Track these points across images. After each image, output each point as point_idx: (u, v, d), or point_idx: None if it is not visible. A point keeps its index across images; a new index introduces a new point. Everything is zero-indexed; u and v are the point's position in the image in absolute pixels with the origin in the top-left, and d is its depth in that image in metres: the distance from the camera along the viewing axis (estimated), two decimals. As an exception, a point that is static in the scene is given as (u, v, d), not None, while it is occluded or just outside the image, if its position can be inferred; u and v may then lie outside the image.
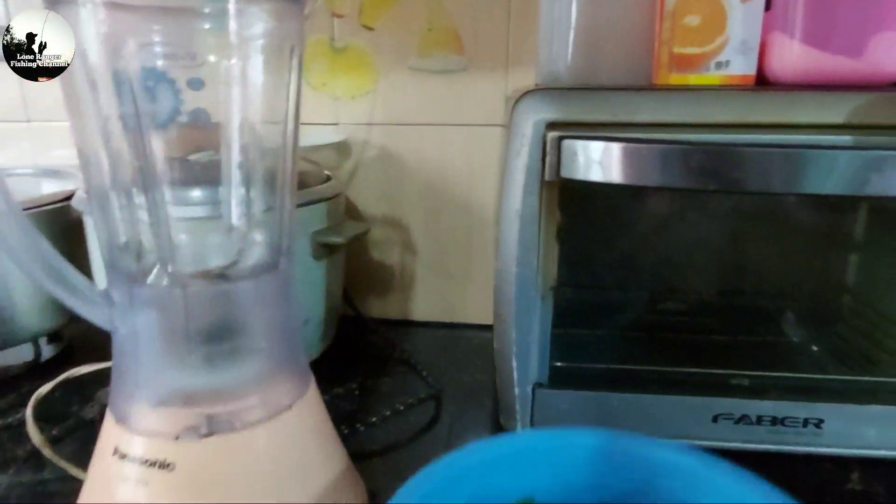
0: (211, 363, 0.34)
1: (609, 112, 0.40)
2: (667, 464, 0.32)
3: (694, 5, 0.44)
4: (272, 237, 0.36)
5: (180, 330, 0.34)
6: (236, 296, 0.35)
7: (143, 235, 0.35)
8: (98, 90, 0.33)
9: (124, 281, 0.33)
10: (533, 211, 0.41)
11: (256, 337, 0.35)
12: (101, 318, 0.34)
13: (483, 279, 0.73)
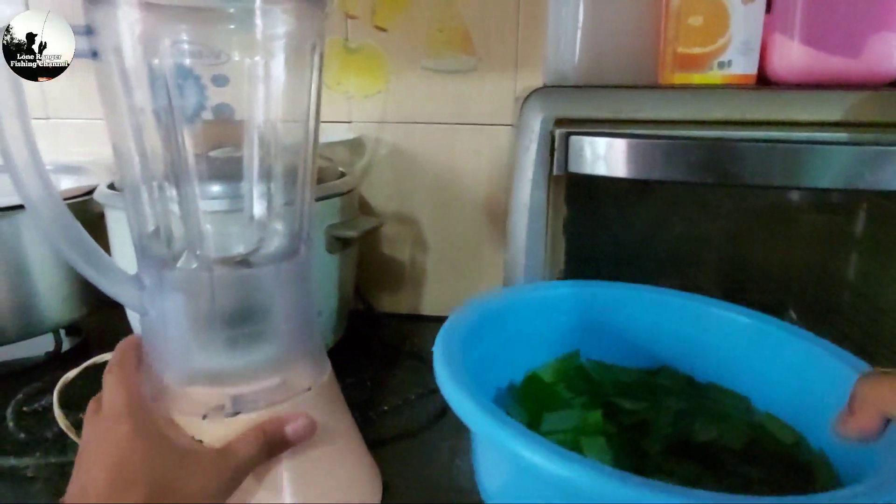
0: (235, 345, 0.36)
1: (614, 109, 0.41)
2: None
3: (697, 6, 0.46)
4: (292, 227, 0.38)
5: (207, 313, 0.36)
6: (259, 280, 0.36)
7: (172, 224, 0.36)
8: (132, 87, 0.34)
9: (154, 266, 0.35)
10: (541, 204, 0.43)
11: (278, 320, 0.37)
12: (132, 302, 0.36)
13: (492, 274, 0.75)
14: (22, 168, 0.32)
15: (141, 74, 0.34)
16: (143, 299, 0.36)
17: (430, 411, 0.56)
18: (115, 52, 0.34)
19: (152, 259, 0.36)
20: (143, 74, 0.34)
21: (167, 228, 0.37)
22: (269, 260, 0.37)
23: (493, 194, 0.72)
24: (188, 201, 0.35)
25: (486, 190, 0.72)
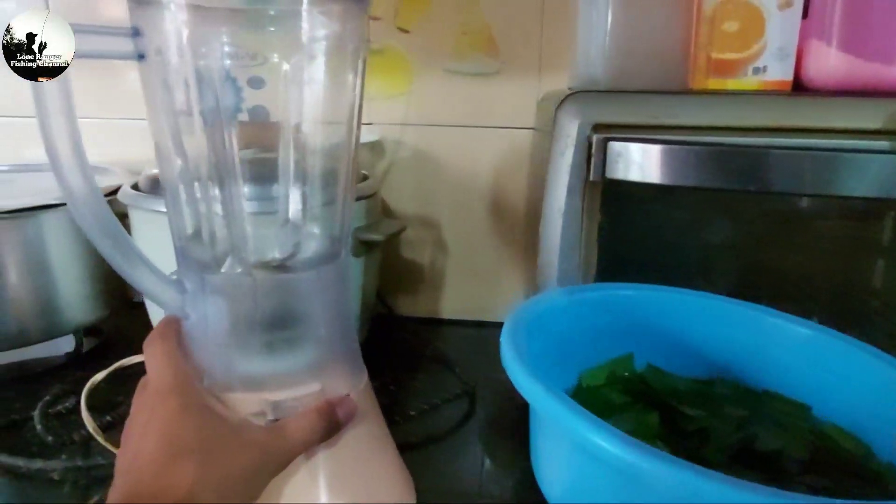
0: (275, 350, 0.36)
1: (651, 115, 0.41)
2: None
3: (733, 11, 0.46)
4: (331, 230, 0.38)
5: (248, 317, 0.36)
6: (300, 285, 0.36)
7: (216, 227, 0.36)
8: (177, 88, 0.34)
9: (196, 269, 0.35)
10: (576, 210, 0.43)
11: (318, 325, 0.37)
12: (173, 305, 0.36)
13: (513, 278, 0.75)
14: (67, 166, 0.31)
15: (188, 76, 0.33)
16: (185, 303, 0.36)
17: (454, 416, 0.55)
18: (160, 54, 0.34)
19: (194, 262, 0.35)
20: (191, 76, 0.33)
21: (210, 232, 0.36)
22: (310, 264, 0.37)
23: (515, 198, 0.72)
24: (233, 204, 0.35)
25: (508, 193, 0.72)
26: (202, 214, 0.36)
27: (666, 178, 0.39)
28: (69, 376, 0.61)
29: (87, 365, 0.63)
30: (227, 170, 0.35)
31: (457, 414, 0.56)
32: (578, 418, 0.27)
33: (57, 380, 0.60)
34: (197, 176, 0.36)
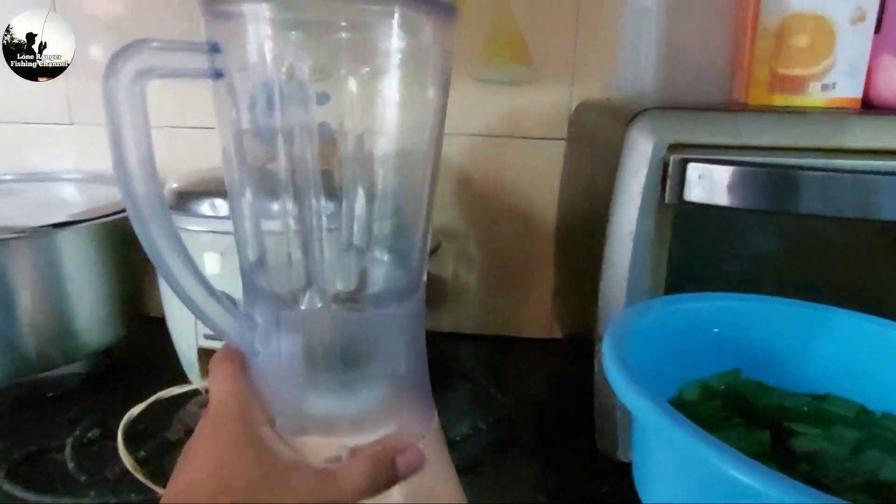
0: (351, 390, 0.33)
1: (731, 134, 0.39)
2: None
3: (803, 26, 0.44)
4: (408, 261, 0.35)
5: (326, 355, 0.33)
6: (381, 321, 0.34)
7: (292, 257, 0.33)
8: (250, 104, 0.32)
9: (268, 302, 0.32)
10: (647, 233, 0.41)
11: (397, 362, 0.34)
12: (242, 341, 0.33)
13: (540, 292, 0.73)
14: (136, 178, 0.28)
15: (270, 91, 0.31)
16: (255, 339, 0.33)
17: (497, 439, 0.53)
18: (241, 70, 0.31)
19: (265, 294, 0.33)
20: (274, 91, 0.31)
21: (284, 259, 0.34)
22: (389, 298, 0.34)
23: (544, 210, 0.70)
24: (312, 233, 0.32)
25: (537, 205, 0.70)
26: (276, 244, 0.34)
27: (753, 203, 0.37)
28: (85, 401, 0.57)
29: (101, 387, 0.60)
30: (307, 189, 0.32)
31: (499, 437, 0.54)
32: (697, 439, 0.25)
33: (73, 404, 0.57)
34: (272, 201, 0.33)
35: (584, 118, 0.62)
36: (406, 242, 0.36)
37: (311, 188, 0.32)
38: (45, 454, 0.50)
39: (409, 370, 0.35)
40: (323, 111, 0.35)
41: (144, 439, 0.49)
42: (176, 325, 0.55)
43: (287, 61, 0.30)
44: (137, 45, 0.27)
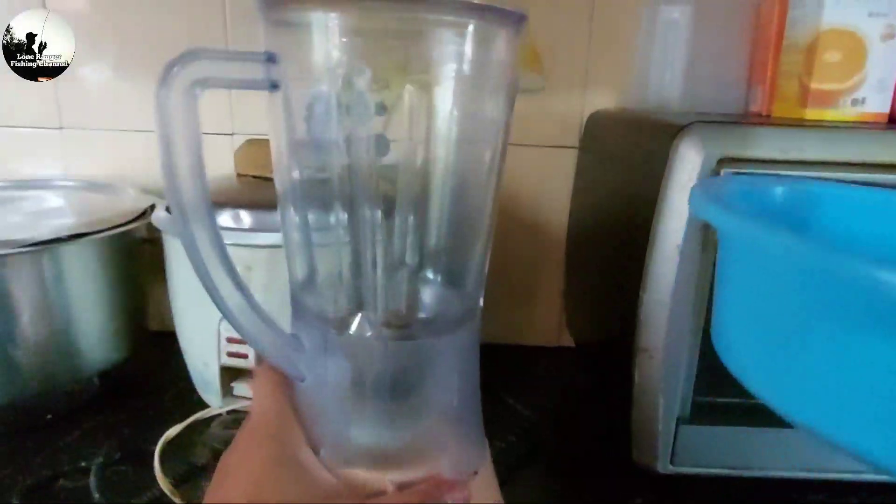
0: (401, 421, 0.32)
1: (779, 149, 0.40)
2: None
3: (836, 42, 0.45)
4: (465, 285, 0.34)
5: (376, 383, 0.31)
6: (435, 348, 0.32)
7: (343, 277, 0.32)
8: (309, 116, 0.30)
9: (317, 324, 0.31)
10: (695, 247, 0.41)
11: (449, 395, 0.33)
12: (288, 365, 0.31)
13: (549, 301, 0.73)
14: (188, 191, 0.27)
15: (330, 103, 0.30)
16: (302, 363, 0.31)
17: (525, 452, 0.53)
18: (298, 79, 0.30)
19: (314, 317, 0.31)
20: (333, 102, 0.29)
21: (335, 279, 0.32)
22: (444, 326, 0.33)
23: (556, 218, 0.69)
24: (366, 248, 0.31)
25: (548, 214, 0.70)
26: (328, 262, 0.32)
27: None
28: (87, 423, 0.54)
29: (102, 409, 0.57)
30: (361, 202, 0.31)
31: (521, 450, 0.53)
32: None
33: (74, 427, 0.53)
34: (328, 216, 0.32)
35: (599, 128, 0.62)
36: (462, 264, 0.34)
37: (366, 201, 0.30)
38: (54, 481, 0.47)
39: (462, 403, 0.33)
40: (380, 122, 0.34)
41: (172, 463, 0.46)
42: (190, 342, 0.53)
43: (347, 71, 0.29)
44: (193, 55, 0.26)
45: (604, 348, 0.58)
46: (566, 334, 0.72)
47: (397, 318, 0.33)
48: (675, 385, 0.44)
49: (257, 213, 0.49)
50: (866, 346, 0.20)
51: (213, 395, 0.51)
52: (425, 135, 0.33)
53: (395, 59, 0.32)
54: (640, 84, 0.58)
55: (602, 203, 0.59)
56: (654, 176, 0.43)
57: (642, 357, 0.45)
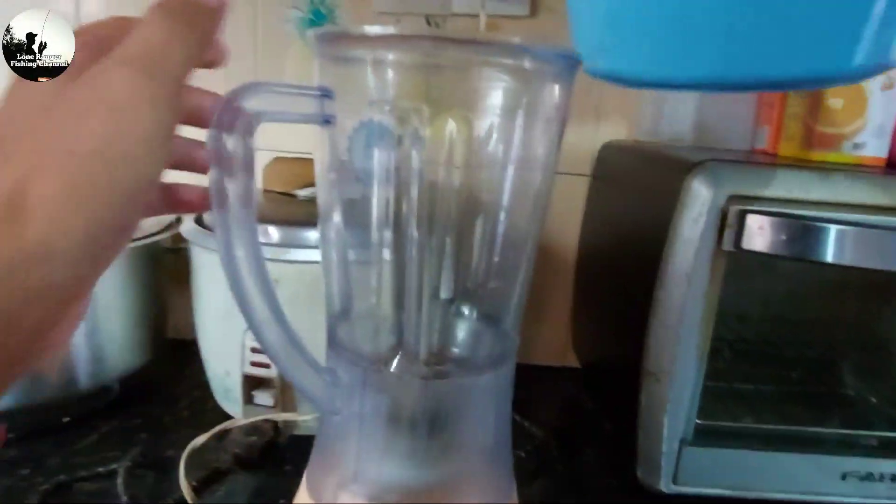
0: (434, 460, 0.32)
1: (785, 188, 0.42)
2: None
3: (839, 89, 0.48)
4: (502, 323, 0.35)
5: (410, 422, 0.32)
6: (471, 389, 0.33)
7: (383, 304, 0.33)
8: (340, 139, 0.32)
9: (356, 360, 0.31)
10: (704, 275, 0.43)
11: (484, 434, 0.33)
12: (322, 399, 0.31)
13: (554, 321, 0.75)
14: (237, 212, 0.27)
15: (383, 136, 0.31)
16: (338, 398, 0.31)
17: (534, 469, 0.54)
18: (347, 111, 0.31)
19: (353, 352, 0.32)
20: (386, 136, 0.31)
21: (374, 315, 0.33)
22: (484, 366, 0.34)
23: (565, 244, 0.72)
24: (410, 286, 0.31)
25: (558, 239, 0.72)
26: (367, 287, 0.33)
27: (811, 255, 0.40)
28: (102, 427, 0.55)
29: (118, 413, 0.58)
30: (403, 233, 0.32)
31: (531, 465, 0.55)
32: None
33: (91, 430, 0.55)
34: (366, 240, 0.33)
35: (612, 157, 0.65)
36: (500, 301, 0.35)
37: (409, 232, 0.31)
38: (71, 485, 0.48)
39: (495, 440, 0.34)
40: (427, 155, 0.36)
41: (193, 469, 0.48)
42: (213, 350, 0.54)
43: (399, 105, 0.30)
44: (254, 88, 0.27)
45: (610, 370, 0.60)
46: (572, 355, 0.74)
47: (434, 355, 0.34)
48: (680, 408, 0.46)
49: (283, 229, 0.50)
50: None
51: (234, 402, 0.52)
52: (470, 168, 0.34)
53: (445, 94, 0.34)
54: (653, 117, 0.60)
55: (613, 230, 0.62)
56: (665, 207, 0.45)
57: (649, 380, 0.47)
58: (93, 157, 0.18)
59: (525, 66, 0.30)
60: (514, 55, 0.30)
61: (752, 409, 0.54)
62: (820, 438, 0.50)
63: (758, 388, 0.58)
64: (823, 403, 0.59)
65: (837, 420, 0.55)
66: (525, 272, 0.35)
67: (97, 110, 0.19)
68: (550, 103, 0.33)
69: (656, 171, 0.52)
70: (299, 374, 0.30)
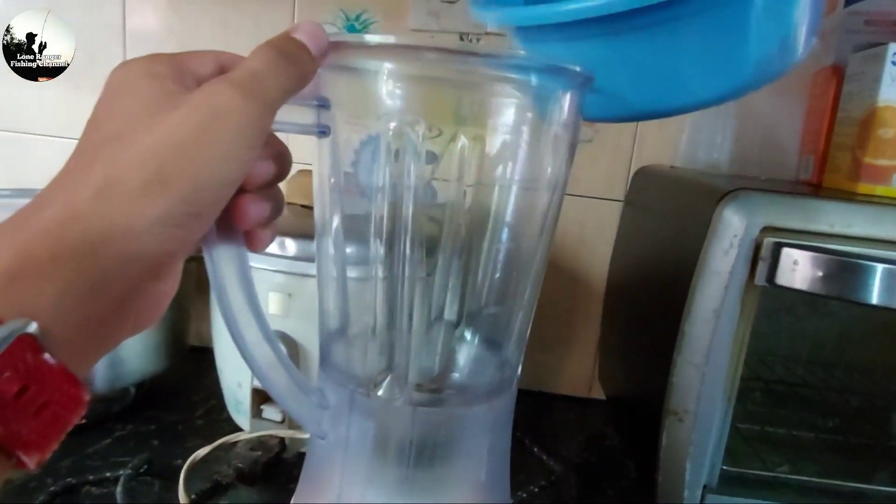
0: (421, 493, 0.30)
1: (826, 222, 0.39)
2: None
3: (891, 119, 0.44)
4: (503, 350, 0.33)
5: (397, 451, 0.30)
6: (465, 419, 0.31)
7: (377, 323, 0.32)
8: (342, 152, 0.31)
9: (344, 381, 0.30)
10: (733, 312, 0.40)
11: (477, 469, 0.32)
12: (310, 421, 0.30)
13: (582, 350, 0.72)
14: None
15: (382, 150, 0.30)
16: (325, 420, 0.30)
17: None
18: (348, 123, 0.30)
19: (342, 372, 0.31)
20: (384, 150, 0.30)
21: (367, 334, 0.32)
22: (478, 395, 0.32)
23: (595, 270, 0.69)
24: (403, 301, 0.30)
25: (589, 265, 0.70)
26: (362, 305, 0.32)
27: (850, 295, 0.37)
28: (119, 431, 0.56)
29: (132, 418, 0.58)
30: (401, 251, 0.31)
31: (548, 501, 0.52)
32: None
33: (104, 436, 0.55)
34: (363, 256, 0.32)
35: (646, 183, 0.62)
36: (502, 327, 0.34)
37: (408, 248, 0.30)
38: (80, 487, 0.48)
39: (490, 476, 0.32)
40: (429, 170, 0.35)
41: (195, 479, 0.47)
42: (226, 361, 0.54)
43: (400, 118, 0.29)
44: None
45: (635, 405, 0.57)
46: (598, 386, 0.71)
47: (429, 379, 0.32)
48: (704, 451, 0.43)
49: (302, 242, 0.50)
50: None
51: (243, 415, 0.52)
52: (474, 185, 0.33)
53: (448, 108, 0.33)
54: (690, 143, 0.58)
55: (643, 259, 0.59)
56: (695, 237, 0.42)
57: (671, 420, 0.44)
58: (177, 151, 0.21)
59: (531, 80, 0.29)
60: (518, 68, 0.29)
61: (785, 457, 0.50)
62: (864, 494, 0.46)
63: (792, 434, 0.54)
64: (868, 456, 0.55)
65: (886, 476, 0.50)
66: (530, 297, 0.33)
67: (196, 113, 0.22)
68: (560, 121, 0.31)
69: (688, 199, 0.49)
70: (286, 393, 0.29)
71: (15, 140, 0.70)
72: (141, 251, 0.21)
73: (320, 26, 0.27)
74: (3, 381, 0.18)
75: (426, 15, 0.65)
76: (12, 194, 0.64)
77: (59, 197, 0.21)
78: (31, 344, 0.19)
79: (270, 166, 0.26)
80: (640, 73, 0.31)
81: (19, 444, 0.19)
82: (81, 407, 0.20)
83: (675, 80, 0.31)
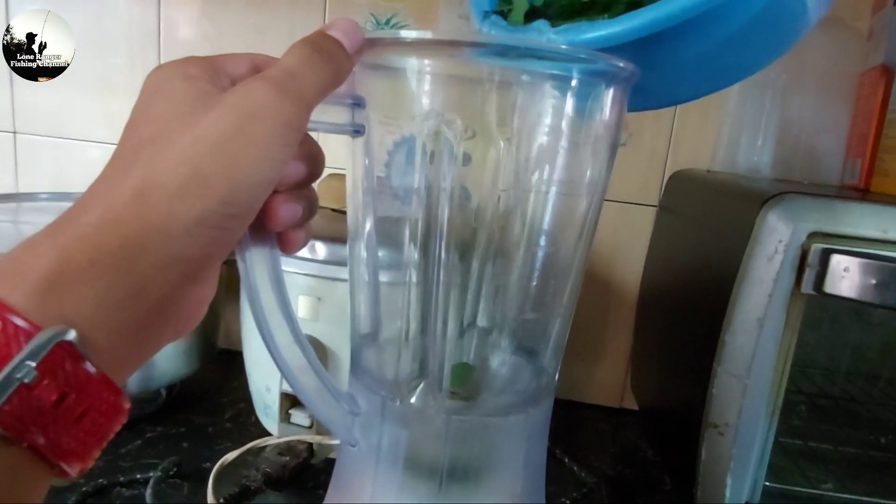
0: (456, 501, 0.29)
1: (879, 228, 0.37)
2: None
3: (945, 120, 0.42)
4: (541, 358, 0.32)
5: (430, 461, 0.29)
6: (500, 429, 0.30)
7: (410, 328, 0.31)
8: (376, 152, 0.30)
9: (377, 387, 0.30)
10: (778, 321, 0.39)
11: (512, 481, 0.31)
12: (340, 428, 0.29)
13: (614, 359, 0.70)
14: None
15: (413, 148, 0.29)
16: (356, 427, 0.30)
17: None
18: (383, 124, 0.30)
19: (374, 378, 0.30)
20: (419, 150, 0.29)
21: (399, 339, 0.31)
22: (515, 405, 0.31)
23: (628, 276, 0.68)
24: (437, 305, 0.29)
25: (622, 272, 0.68)
26: (394, 309, 0.31)
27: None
28: (150, 432, 0.56)
29: (162, 421, 0.58)
30: (435, 254, 0.30)
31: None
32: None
33: (136, 437, 0.55)
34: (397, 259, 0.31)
35: (682, 188, 0.61)
36: (538, 334, 0.33)
37: (441, 252, 0.29)
38: (111, 489, 0.48)
39: (525, 489, 0.31)
40: (464, 172, 0.34)
41: (223, 484, 0.47)
42: (256, 365, 0.54)
43: (436, 119, 0.29)
44: None
45: (670, 416, 0.56)
46: (630, 396, 0.70)
47: (464, 387, 0.32)
48: (746, 467, 0.41)
49: (332, 246, 0.49)
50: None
51: (272, 419, 0.52)
52: (511, 187, 0.32)
53: (486, 108, 0.32)
54: (729, 146, 0.56)
55: (679, 266, 0.57)
56: (737, 244, 0.41)
57: (711, 433, 0.42)
58: (213, 150, 0.21)
59: (574, 79, 0.28)
60: (561, 66, 0.28)
61: (832, 474, 0.48)
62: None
63: (840, 450, 0.52)
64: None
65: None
66: (567, 304, 0.32)
67: (232, 112, 0.21)
68: (603, 120, 0.30)
69: (727, 204, 0.48)
70: (317, 398, 0.29)
71: (57, 145, 0.72)
72: (179, 254, 0.21)
73: (356, 22, 0.26)
74: (42, 389, 0.18)
75: (457, 18, 0.65)
76: (51, 197, 0.65)
77: (98, 201, 0.21)
78: (70, 351, 0.18)
79: (303, 167, 0.26)
80: (686, 66, 0.30)
81: (60, 453, 0.19)
82: (122, 415, 0.20)
83: (721, 64, 0.30)
